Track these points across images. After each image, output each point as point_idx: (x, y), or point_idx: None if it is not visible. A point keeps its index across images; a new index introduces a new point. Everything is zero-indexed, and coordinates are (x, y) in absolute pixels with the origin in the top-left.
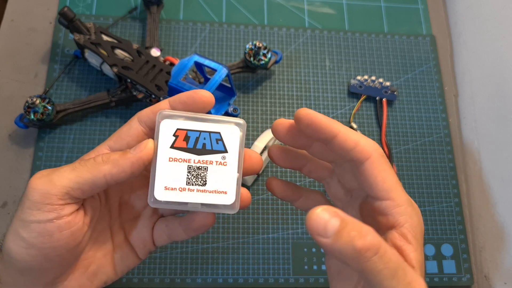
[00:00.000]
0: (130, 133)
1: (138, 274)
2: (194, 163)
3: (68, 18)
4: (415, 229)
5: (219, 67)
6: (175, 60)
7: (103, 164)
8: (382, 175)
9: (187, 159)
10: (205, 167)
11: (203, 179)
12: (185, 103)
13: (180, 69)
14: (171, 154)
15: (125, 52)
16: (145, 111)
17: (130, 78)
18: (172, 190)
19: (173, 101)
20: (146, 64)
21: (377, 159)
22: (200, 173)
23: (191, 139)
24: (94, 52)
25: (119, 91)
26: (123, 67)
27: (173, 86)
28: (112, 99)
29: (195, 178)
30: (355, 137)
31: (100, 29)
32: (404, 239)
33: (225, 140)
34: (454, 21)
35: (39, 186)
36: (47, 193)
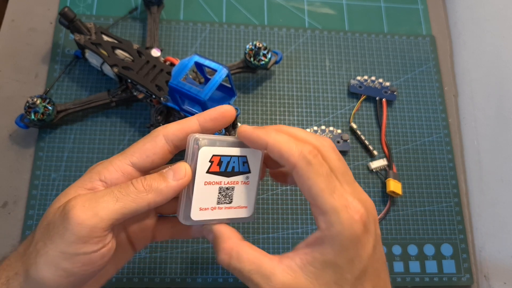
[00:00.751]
0: (156, 151)
1: (139, 274)
2: (224, 184)
3: (69, 18)
4: (333, 236)
5: (219, 67)
6: (175, 60)
7: (147, 193)
8: (307, 183)
9: (219, 182)
10: (232, 187)
11: (230, 198)
12: (216, 119)
13: (181, 69)
14: (206, 178)
15: (126, 52)
16: (172, 129)
17: (131, 78)
18: (205, 210)
19: (203, 119)
20: (147, 64)
21: (302, 167)
22: (228, 192)
23: (223, 164)
24: (95, 52)
25: (120, 91)
26: (124, 67)
27: (173, 86)
28: (113, 99)
29: (224, 198)
30: (281, 146)
31: (100, 29)
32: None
33: (250, 162)
34: (454, 22)
35: (86, 221)
36: (94, 227)
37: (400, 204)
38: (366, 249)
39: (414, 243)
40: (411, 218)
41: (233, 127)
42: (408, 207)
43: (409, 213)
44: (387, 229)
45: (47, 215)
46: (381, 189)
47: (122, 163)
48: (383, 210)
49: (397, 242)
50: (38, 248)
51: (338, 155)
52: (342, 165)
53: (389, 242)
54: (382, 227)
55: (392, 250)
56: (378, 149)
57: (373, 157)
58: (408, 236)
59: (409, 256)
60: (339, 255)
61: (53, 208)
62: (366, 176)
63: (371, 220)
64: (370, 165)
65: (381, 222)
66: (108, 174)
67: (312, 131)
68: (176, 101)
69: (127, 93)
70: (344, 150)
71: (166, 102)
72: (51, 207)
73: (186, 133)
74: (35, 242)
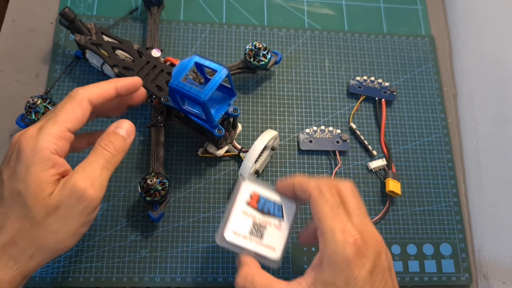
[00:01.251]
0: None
1: (139, 273)
2: (258, 220)
3: (69, 19)
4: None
5: (219, 67)
6: (175, 61)
7: (119, 154)
8: (316, 208)
9: (254, 216)
10: (264, 226)
11: (261, 234)
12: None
13: (181, 69)
14: (244, 208)
15: (126, 53)
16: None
17: None
18: (238, 236)
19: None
20: (147, 64)
21: (314, 195)
22: (260, 228)
23: (260, 202)
24: (95, 52)
25: None
26: (124, 67)
27: (173, 86)
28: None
29: (256, 231)
30: (302, 181)
31: (101, 30)
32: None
33: (284, 211)
34: (453, 22)
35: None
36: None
37: (399, 204)
38: (360, 272)
39: (413, 242)
40: (410, 217)
41: (233, 127)
42: (407, 206)
43: (408, 213)
44: (386, 229)
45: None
46: (380, 189)
47: (60, 132)
48: (382, 210)
49: (396, 242)
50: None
51: (355, 194)
52: (356, 201)
53: (388, 242)
54: (381, 226)
55: (391, 250)
56: (377, 149)
57: (373, 157)
58: (407, 235)
59: (408, 255)
60: (336, 275)
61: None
62: (365, 176)
63: (369, 247)
64: (370, 165)
65: (380, 222)
66: (58, 148)
67: (312, 131)
68: (176, 101)
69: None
70: (344, 150)
71: (167, 102)
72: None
73: (105, 98)
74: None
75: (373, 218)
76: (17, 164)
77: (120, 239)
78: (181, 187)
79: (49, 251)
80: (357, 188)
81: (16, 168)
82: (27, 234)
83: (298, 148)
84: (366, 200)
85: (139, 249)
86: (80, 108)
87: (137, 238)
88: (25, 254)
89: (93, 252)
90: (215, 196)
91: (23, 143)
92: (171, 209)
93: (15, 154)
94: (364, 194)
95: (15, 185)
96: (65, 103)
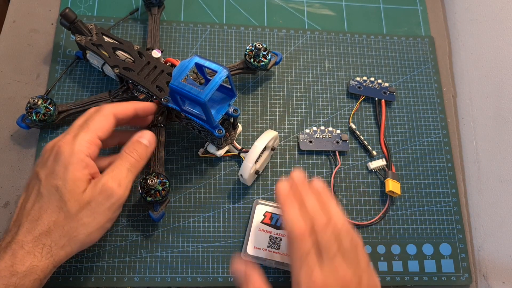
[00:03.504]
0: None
1: (139, 273)
2: (274, 234)
3: (70, 20)
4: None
5: (219, 68)
6: (176, 62)
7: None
8: (289, 256)
9: (269, 231)
10: (280, 238)
11: (278, 245)
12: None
13: (181, 70)
14: (260, 226)
15: (126, 53)
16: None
17: (131, 79)
18: (258, 249)
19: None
20: (147, 65)
21: (289, 242)
22: (276, 241)
23: (273, 219)
24: (96, 53)
25: (121, 92)
26: (124, 68)
27: (174, 87)
28: (114, 100)
29: (273, 244)
30: (286, 219)
31: (101, 30)
32: None
33: None
34: (453, 23)
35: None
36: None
37: (399, 204)
38: None
39: (413, 242)
40: (410, 217)
41: (233, 128)
42: (407, 206)
43: (408, 213)
44: (386, 229)
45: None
46: (380, 189)
47: (93, 139)
48: (382, 210)
49: (396, 242)
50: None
51: (337, 232)
52: (335, 239)
53: (388, 242)
54: (381, 227)
55: (391, 250)
56: (377, 149)
57: (372, 157)
58: (407, 235)
59: (408, 255)
60: None
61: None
62: (365, 176)
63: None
64: (369, 165)
65: (380, 222)
66: (90, 152)
67: (311, 131)
68: (176, 102)
69: (128, 94)
70: (343, 150)
71: (167, 103)
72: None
73: (126, 116)
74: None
75: (373, 218)
76: (56, 164)
77: (121, 239)
78: (181, 187)
79: (78, 242)
80: (357, 188)
81: (54, 168)
82: (61, 226)
83: (298, 148)
84: (366, 200)
85: (139, 249)
86: (108, 120)
87: (138, 238)
88: (58, 244)
89: (94, 252)
90: (216, 196)
91: (62, 147)
92: (171, 209)
93: (52, 157)
94: (364, 194)
95: (54, 182)
96: (95, 116)
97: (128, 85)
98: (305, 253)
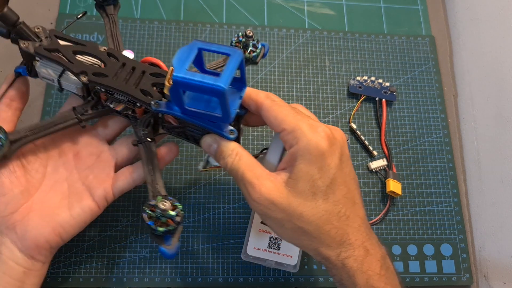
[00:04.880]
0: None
1: (139, 273)
2: (274, 235)
3: (10, 21)
4: (303, 149)
5: (231, 50)
6: (156, 61)
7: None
8: (273, 114)
9: (270, 232)
10: (280, 238)
11: (278, 246)
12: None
13: (183, 58)
14: (260, 227)
15: (91, 57)
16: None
17: (107, 86)
18: (258, 250)
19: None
20: (123, 67)
21: (267, 104)
22: (277, 242)
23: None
24: (52, 60)
25: (89, 108)
26: (95, 74)
27: (179, 79)
28: (82, 118)
29: (273, 245)
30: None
31: (53, 33)
32: (291, 157)
33: None
34: (454, 22)
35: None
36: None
37: (399, 204)
38: (332, 159)
39: (414, 243)
40: (410, 218)
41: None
42: (407, 207)
43: (408, 213)
44: (387, 229)
45: None
46: (381, 189)
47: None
48: (382, 210)
49: (397, 242)
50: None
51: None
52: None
53: (389, 242)
54: (381, 227)
55: (392, 250)
56: (377, 149)
57: (373, 157)
58: (408, 236)
59: (409, 256)
60: (310, 165)
61: None
62: (365, 176)
63: (336, 137)
64: (370, 165)
65: (380, 222)
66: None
67: None
68: (178, 100)
69: (99, 108)
70: None
71: (158, 108)
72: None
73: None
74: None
75: (374, 219)
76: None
77: (120, 239)
78: (181, 187)
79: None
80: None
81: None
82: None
83: None
84: (366, 201)
85: (139, 249)
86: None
87: (137, 239)
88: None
89: (93, 253)
90: (215, 196)
91: None
92: None
93: None
94: (364, 195)
95: None
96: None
97: (99, 97)
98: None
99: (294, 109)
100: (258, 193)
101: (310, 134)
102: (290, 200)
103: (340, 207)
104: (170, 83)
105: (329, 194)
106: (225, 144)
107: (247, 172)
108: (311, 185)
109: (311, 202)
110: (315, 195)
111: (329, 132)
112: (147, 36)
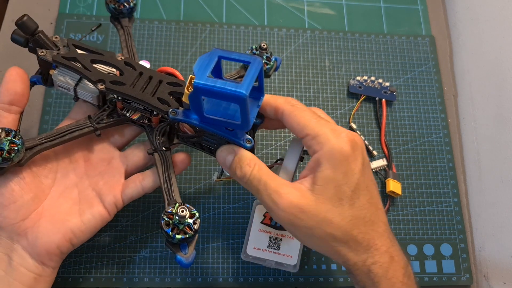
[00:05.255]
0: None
1: (139, 273)
2: (274, 235)
3: (30, 30)
4: (328, 154)
5: (251, 58)
6: (173, 70)
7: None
8: (295, 119)
9: (270, 232)
10: (280, 238)
11: (278, 246)
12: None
13: (204, 64)
14: (260, 227)
15: (109, 66)
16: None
17: (125, 95)
18: (258, 250)
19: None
20: (140, 76)
21: (288, 109)
22: (276, 241)
23: (273, 219)
24: (69, 68)
25: (105, 116)
26: (113, 82)
27: (201, 86)
28: (97, 127)
29: (273, 244)
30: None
31: (72, 42)
32: (315, 163)
33: None
34: (454, 22)
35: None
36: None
37: (399, 204)
38: (356, 164)
39: (414, 243)
40: (410, 218)
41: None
42: (407, 207)
43: (408, 213)
44: None
45: None
46: (381, 189)
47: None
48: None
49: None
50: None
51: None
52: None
53: None
54: None
55: None
56: (377, 149)
57: (373, 157)
58: (408, 236)
59: (409, 256)
60: (335, 170)
61: None
62: None
63: (358, 143)
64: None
65: None
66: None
67: None
68: (198, 108)
69: (114, 117)
70: None
71: (175, 117)
72: None
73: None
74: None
75: None
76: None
77: (120, 239)
78: (181, 187)
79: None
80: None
81: None
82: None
83: None
84: None
85: (139, 249)
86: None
87: (137, 239)
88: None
89: (93, 253)
90: (215, 196)
91: None
92: None
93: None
94: None
95: None
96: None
97: (115, 105)
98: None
99: (315, 113)
100: (287, 201)
101: (334, 139)
102: (319, 206)
103: (365, 212)
104: (190, 90)
105: (354, 199)
106: (243, 153)
107: (271, 182)
108: (337, 190)
109: (338, 208)
110: (341, 201)
111: (351, 137)
112: (147, 36)
